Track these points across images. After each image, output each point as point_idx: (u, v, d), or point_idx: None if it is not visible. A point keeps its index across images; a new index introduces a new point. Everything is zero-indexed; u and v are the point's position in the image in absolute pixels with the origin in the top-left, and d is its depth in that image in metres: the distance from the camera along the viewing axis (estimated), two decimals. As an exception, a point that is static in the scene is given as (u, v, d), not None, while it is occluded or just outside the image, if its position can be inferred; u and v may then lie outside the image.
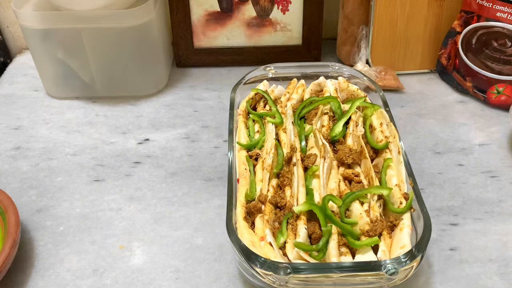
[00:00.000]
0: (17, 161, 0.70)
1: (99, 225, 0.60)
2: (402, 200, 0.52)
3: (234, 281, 0.54)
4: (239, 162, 0.59)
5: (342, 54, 0.88)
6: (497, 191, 0.64)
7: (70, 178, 0.67)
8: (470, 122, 0.76)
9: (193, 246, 0.58)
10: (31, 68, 0.88)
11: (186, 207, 0.63)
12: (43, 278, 0.55)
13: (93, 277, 0.55)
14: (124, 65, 0.78)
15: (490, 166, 0.68)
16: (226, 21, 0.85)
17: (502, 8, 0.73)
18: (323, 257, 0.48)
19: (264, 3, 0.83)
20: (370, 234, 0.50)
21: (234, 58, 0.88)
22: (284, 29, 0.86)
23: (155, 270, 0.55)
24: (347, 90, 0.68)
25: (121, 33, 0.74)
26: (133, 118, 0.78)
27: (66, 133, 0.75)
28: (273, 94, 0.69)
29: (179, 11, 0.83)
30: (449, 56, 0.82)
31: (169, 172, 0.68)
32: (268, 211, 0.52)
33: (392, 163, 0.56)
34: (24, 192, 0.65)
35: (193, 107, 0.80)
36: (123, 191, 0.65)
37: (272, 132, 0.60)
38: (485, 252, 0.56)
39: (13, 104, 0.81)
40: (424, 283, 0.53)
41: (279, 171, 0.56)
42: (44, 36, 0.74)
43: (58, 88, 0.81)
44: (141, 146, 0.72)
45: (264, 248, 0.48)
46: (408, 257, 0.45)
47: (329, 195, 0.51)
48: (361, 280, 0.46)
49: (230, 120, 0.63)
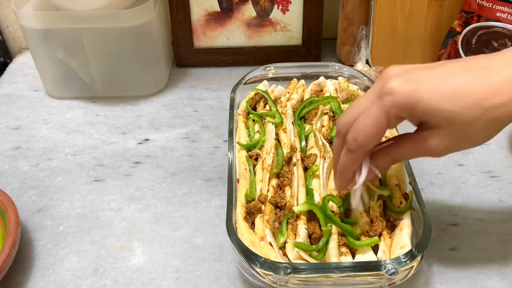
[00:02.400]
0: (17, 161, 0.70)
1: (99, 225, 0.60)
2: (402, 200, 0.52)
3: (234, 281, 0.54)
4: (239, 162, 0.59)
5: (342, 54, 0.88)
6: (497, 191, 0.64)
7: (70, 178, 0.67)
8: (470, 122, 0.76)
9: (193, 246, 0.58)
10: (31, 68, 0.88)
11: (186, 207, 0.63)
12: (43, 278, 0.55)
13: (93, 277, 0.55)
14: (124, 65, 0.78)
15: (490, 166, 0.68)
16: (226, 21, 0.85)
17: (502, 8, 0.73)
18: (323, 257, 0.48)
19: (264, 3, 0.83)
20: (370, 234, 0.50)
21: (234, 58, 0.88)
22: (284, 29, 0.86)
23: (155, 270, 0.55)
24: (347, 90, 0.68)
25: (121, 33, 0.74)
26: (133, 118, 0.78)
27: (66, 133, 0.75)
28: (273, 94, 0.69)
29: (179, 11, 0.83)
30: (449, 56, 0.82)
31: (169, 172, 0.68)
32: (268, 211, 0.52)
33: (392, 163, 0.56)
34: (24, 192, 0.65)
35: (193, 107, 0.80)
36: (123, 191, 0.65)
37: (272, 132, 0.60)
38: (485, 252, 0.56)
39: (13, 104, 0.81)
40: (424, 283, 0.53)
41: (279, 171, 0.56)
42: (44, 36, 0.74)
43: (58, 88, 0.81)
44: (141, 146, 0.72)
45: (264, 248, 0.48)
46: (408, 257, 0.45)
47: (329, 195, 0.51)
48: (361, 280, 0.46)
49: (230, 120, 0.63)
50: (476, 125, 0.41)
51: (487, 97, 0.40)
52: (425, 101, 0.40)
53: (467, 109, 0.40)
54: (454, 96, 0.40)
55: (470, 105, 0.40)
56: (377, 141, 0.44)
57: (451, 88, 0.40)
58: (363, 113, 0.43)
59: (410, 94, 0.41)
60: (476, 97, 0.40)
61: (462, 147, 0.43)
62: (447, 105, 0.40)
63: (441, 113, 0.40)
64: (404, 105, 0.41)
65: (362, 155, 0.45)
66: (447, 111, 0.40)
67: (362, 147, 0.44)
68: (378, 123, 0.42)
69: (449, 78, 0.41)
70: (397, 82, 0.41)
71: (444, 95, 0.40)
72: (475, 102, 0.40)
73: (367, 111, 0.43)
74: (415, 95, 0.41)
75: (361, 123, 0.43)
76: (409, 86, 0.41)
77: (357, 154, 0.45)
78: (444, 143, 0.42)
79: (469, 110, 0.40)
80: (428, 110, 0.41)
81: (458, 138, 0.42)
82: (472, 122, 0.40)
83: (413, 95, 0.41)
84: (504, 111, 0.40)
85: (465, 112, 0.40)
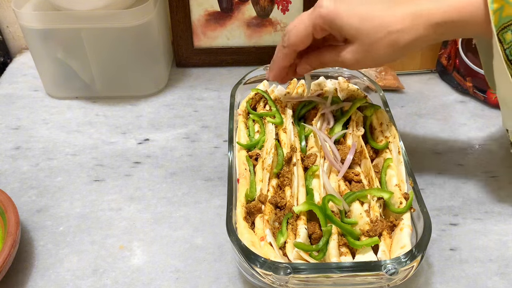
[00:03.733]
0: (17, 161, 0.70)
1: (99, 225, 0.60)
2: (402, 200, 0.52)
3: (234, 281, 0.54)
4: (239, 162, 0.59)
5: (342, 54, 0.88)
6: (497, 191, 0.64)
7: (70, 178, 0.67)
8: (470, 122, 0.76)
9: (193, 246, 0.58)
10: (31, 68, 0.88)
11: (186, 207, 0.63)
12: (43, 278, 0.55)
13: (93, 277, 0.55)
14: (124, 65, 0.79)
15: (490, 166, 0.68)
16: (226, 21, 0.85)
17: (502, 8, 0.73)
18: (323, 257, 0.48)
19: (264, 3, 0.83)
20: (370, 234, 0.50)
21: (234, 58, 0.88)
22: (284, 29, 0.86)
23: (155, 270, 0.55)
24: (347, 90, 0.68)
25: (121, 33, 0.74)
26: (133, 118, 0.78)
27: (66, 133, 0.75)
28: (273, 94, 0.69)
29: (179, 11, 0.83)
30: (449, 56, 0.82)
31: (169, 172, 0.68)
32: (268, 211, 0.52)
33: (392, 163, 0.56)
34: (24, 192, 0.65)
35: (193, 107, 0.80)
36: (123, 191, 0.65)
37: (272, 132, 0.60)
38: (485, 252, 0.56)
39: (13, 104, 0.81)
40: (424, 283, 0.53)
41: (279, 171, 0.56)
42: (44, 36, 0.74)
43: (58, 88, 0.81)
44: (141, 146, 0.72)
45: (264, 248, 0.48)
46: (408, 257, 0.45)
47: (329, 195, 0.51)
48: (361, 280, 0.46)
49: (230, 120, 0.63)
50: (379, 43, 0.50)
51: (390, 23, 0.49)
52: (340, 18, 0.51)
53: (373, 29, 0.50)
54: (365, 17, 0.50)
55: (375, 27, 0.50)
56: (304, 43, 0.55)
57: (364, 11, 0.50)
58: (297, 19, 0.54)
59: (332, 10, 0.51)
60: (382, 21, 0.50)
61: (370, 62, 0.53)
62: (357, 23, 0.50)
63: (352, 30, 0.51)
64: (325, 18, 0.52)
65: (292, 53, 0.56)
66: (356, 28, 0.50)
67: (292, 46, 0.55)
68: (306, 28, 0.53)
69: (368, 5, 0.51)
70: (327, 1, 0.52)
71: (358, 15, 0.50)
72: (380, 24, 0.50)
73: (300, 17, 0.54)
74: (335, 11, 0.51)
75: (294, 26, 0.54)
76: (334, 5, 0.51)
77: (288, 50, 0.56)
78: (354, 57, 0.53)
79: (375, 30, 0.50)
80: (343, 26, 0.51)
81: (366, 53, 0.52)
82: (377, 41, 0.50)
83: (334, 11, 0.51)
84: (403, 36, 0.49)
85: (371, 31, 0.50)
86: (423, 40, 0.50)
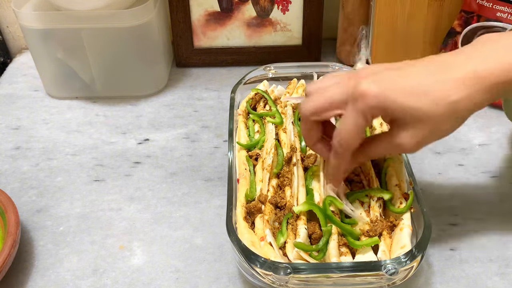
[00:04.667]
0: (17, 161, 0.70)
1: (99, 225, 0.60)
2: (402, 200, 0.52)
3: (234, 281, 0.54)
4: (239, 162, 0.59)
5: (342, 54, 0.88)
6: (497, 191, 0.64)
7: (70, 178, 0.67)
8: (470, 122, 0.75)
9: (193, 246, 0.58)
10: (31, 68, 0.88)
11: (186, 207, 0.63)
12: (43, 278, 0.55)
13: (93, 277, 0.55)
14: (124, 65, 0.79)
15: (490, 166, 0.68)
16: (226, 21, 0.85)
17: (502, 8, 0.73)
18: (323, 257, 0.48)
19: (264, 3, 0.83)
20: (370, 234, 0.50)
21: (234, 58, 0.88)
22: (284, 29, 0.86)
23: (155, 270, 0.55)
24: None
25: (121, 33, 0.74)
26: (133, 118, 0.78)
27: (66, 133, 0.75)
28: (273, 94, 0.69)
29: (179, 11, 0.83)
30: (449, 56, 0.81)
31: (169, 172, 0.68)
32: (268, 211, 0.52)
33: (392, 163, 0.56)
34: (24, 192, 0.65)
35: (193, 107, 0.80)
36: (123, 191, 0.65)
37: (272, 132, 0.60)
38: (485, 252, 0.56)
39: (13, 104, 0.81)
40: (424, 283, 0.53)
41: (279, 171, 0.56)
42: (44, 36, 0.74)
43: (58, 88, 0.81)
44: (141, 146, 0.72)
45: (264, 248, 0.48)
46: (408, 257, 0.45)
47: (330, 197, 0.51)
48: (361, 280, 0.46)
49: (230, 120, 0.63)
50: (441, 118, 0.44)
51: (449, 92, 0.43)
52: (392, 100, 0.43)
53: (432, 105, 0.43)
54: (419, 94, 0.43)
55: (434, 101, 0.43)
56: (360, 140, 0.47)
57: (416, 86, 0.43)
58: (342, 120, 0.46)
59: (379, 95, 0.43)
60: (438, 93, 0.43)
61: (433, 139, 0.46)
62: (412, 102, 0.43)
63: (408, 110, 0.43)
64: (375, 106, 0.44)
65: (349, 155, 0.48)
66: (413, 108, 0.43)
67: (348, 150, 0.47)
68: (358, 125, 0.45)
69: (414, 77, 0.44)
70: (367, 85, 0.44)
71: (410, 93, 0.43)
72: (438, 97, 0.43)
73: (344, 118, 0.46)
74: (383, 95, 0.43)
75: (343, 129, 0.46)
76: (378, 88, 0.44)
77: (344, 155, 0.48)
78: (414, 139, 0.45)
79: (434, 106, 0.43)
80: (397, 109, 0.44)
81: (427, 132, 0.44)
82: (438, 117, 0.43)
83: (382, 95, 0.43)
84: (465, 103, 0.43)
85: (430, 108, 0.43)
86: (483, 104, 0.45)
